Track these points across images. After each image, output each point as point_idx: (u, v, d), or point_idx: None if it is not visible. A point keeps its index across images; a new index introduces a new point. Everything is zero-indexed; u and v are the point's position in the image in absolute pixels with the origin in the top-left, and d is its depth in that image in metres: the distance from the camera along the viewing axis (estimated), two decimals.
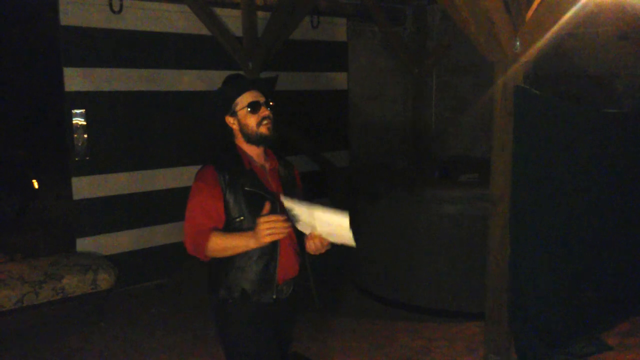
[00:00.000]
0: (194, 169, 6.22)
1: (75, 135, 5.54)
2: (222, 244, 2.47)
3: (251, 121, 2.59)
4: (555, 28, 3.86)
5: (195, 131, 6.27)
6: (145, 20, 5.82)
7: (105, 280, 4.95)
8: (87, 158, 5.59)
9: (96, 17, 5.54)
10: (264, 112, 2.61)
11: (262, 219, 2.38)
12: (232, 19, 6.23)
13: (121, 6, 5.59)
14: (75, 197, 5.61)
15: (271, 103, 2.65)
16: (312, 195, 3.64)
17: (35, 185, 7.03)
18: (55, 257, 5.15)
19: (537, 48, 3.90)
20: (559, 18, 3.81)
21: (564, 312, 4.46)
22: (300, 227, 2.50)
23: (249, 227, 2.49)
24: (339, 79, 7.59)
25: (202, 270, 6.13)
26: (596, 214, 4.64)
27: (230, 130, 2.67)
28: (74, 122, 5.53)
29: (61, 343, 4.71)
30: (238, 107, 2.61)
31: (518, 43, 3.81)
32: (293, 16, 6.01)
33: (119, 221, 5.88)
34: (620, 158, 4.75)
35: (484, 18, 3.67)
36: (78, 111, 5.52)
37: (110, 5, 5.55)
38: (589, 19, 5.89)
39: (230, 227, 2.54)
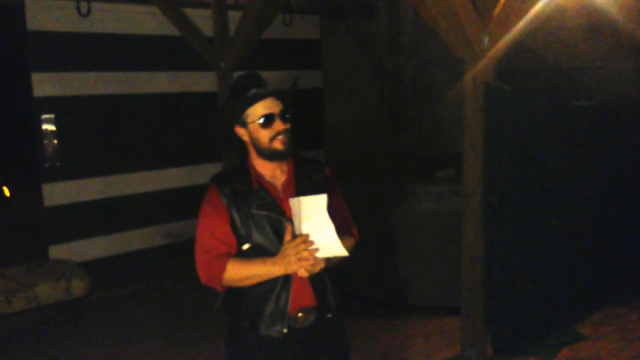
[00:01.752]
0: (168, 172, 6.30)
1: (45, 141, 5.45)
2: (242, 273, 2.24)
3: (263, 135, 2.27)
4: (523, 23, 3.90)
5: (169, 133, 6.22)
6: (113, 23, 5.74)
7: (79, 287, 4.89)
8: (58, 164, 5.51)
9: (64, 21, 5.45)
10: (279, 126, 2.28)
11: (290, 244, 2.14)
12: (202, 19, 6.17)
13: (89, 9, 5.51)
14: (47, 203, 5.52)
15: (287, 115, 2.32)
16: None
17: (7, 192, 6.92)
18: (28, 265, 5.08)
19: (506, 44, 3.93)
20: (526, 13, 3.85)
21: (538, 304, 4.51)
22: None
23: (258, 255, 2.25)
24: (313, 77, 7.58)
25: (177, 275, 6.15)
26: (568, 206, 4.70)
27: (240, 142, 2.36)
28: (43, 127, 5.44)
29: (36, 351, 4.64)
30: (249, 119, 2.29)
31: (486, 39, 3.84)
32: (265, 15, 5.96)
33: (93, 227, 5.80)
34: (590, 150, 4.81)
35: (451, 15, 3.68)
36: (47, 116, 5.43)
37: (78, 8, 5.46)
38: (557, 13, 5.94)
39: (235, 256, 2.29)
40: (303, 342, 2.34)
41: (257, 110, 2.28)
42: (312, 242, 2.13)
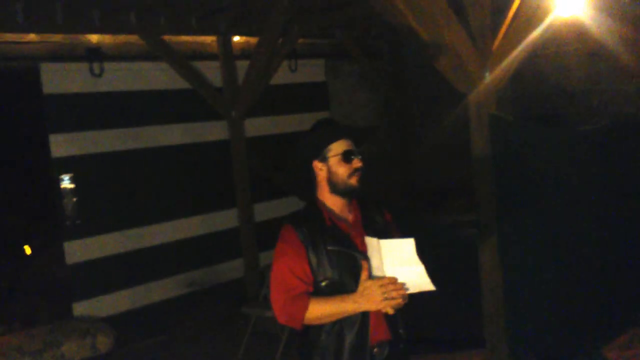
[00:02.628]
0: (185, 222, 6.40)
1: (65, 200, 5.58)
2: (323, 312, 2.25)
3: (342, 171, 2.38)
4: (522, 53, 3.98)
5: (184, 183, 6.34)
6: (125, 81, 5.93)
7: (104, 343, 4.94)
8: (78, 221, 5.62)
9: (78, 83, 5.65)
10: (357, 163, 2.39)
11: (374, 283, 2.17)
12: (211, 70, 6.35)
13: (101, 69, 5.70)
14: (69, 261, 5.60)
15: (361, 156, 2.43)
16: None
17: (28, 250, 7.03)
18: (53, 324, 5.14)
19: (507, 75, 4.01)
20: (523, 43, 3.93)
21: (561, 330, 4.47)
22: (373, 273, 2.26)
23: (335, 291, 2.29)
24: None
25: (200, 323, 6.16)
26: (583, 229, 4.69)
27: (313, 178, 2.45)
28: (62, 186, 5.57)
29: None
30: (330, 154, 2.39)
31: (487, 73, 3.92)
32: (271, 62, 6.14)
33: (115, 281, 5.87)
34: (601, 173, 4.83)
35: (451, 52, 3.78)
36: (66, 176, 5.57)
37: (91, 69, 5.65)
38: (556, 39, 6.04)
39: (312, 293, 2.31)
40: None
41: (340, 146, 2.40)
42: (399, 283, 2.19)
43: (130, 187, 6.01)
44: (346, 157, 2.39)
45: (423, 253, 2.28)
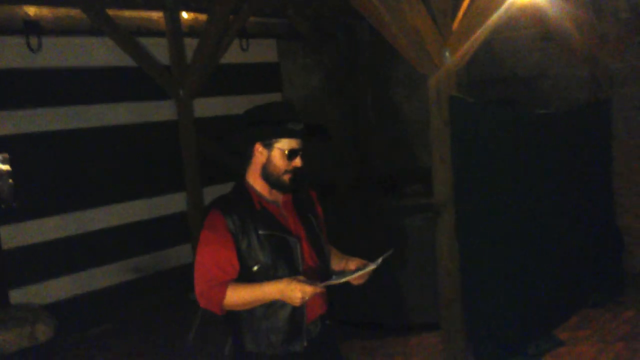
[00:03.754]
0: (130, 205, 6.16)
1: (0, 182, 5.25)
2: (241, 299, 2.27)
3: (280, 165, 2.34)
4: (481, 35, 3.95)
5: (129, 165, 6.07)
6: (66, 57, 5.62)
7: (43, 332, 4.69)
8: (14, 205, 5.30)
9: (13, 57, 5.31)
10: (298, 162, 2.37)
11: (297, 286, 2.17)
12: (158, 47, 6.08)
13: (39, 44, 5.35)
14: (5, 246, 5.29)
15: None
16: None
17: None
18: None
19: (466, 56, 3.96)
20: (483, 25, 3.89)
21: (516, 313, 4.51)
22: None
23: (267, 275, 2.28)
24: (273, 101, 7.52)
25: (147, 310, 5.97)
26: (538, 212, 4.74)
27: (249, 155, 2.39)
28: None
29: None
30: (277, 145, 2.35)
31: (447, 54, 3.86)
32: (221, 41, 5.93)
33: (55, 267, 5.60)
34: (554, 156, 4.88)
35: (412, 32, 3.69)
36: (1, 156, 5.24)
37: (28, 44, 5.30)
38: (512, 23, 6.06)
39: (243, 277, 2.31)
40: (316, 351, 2.41)
41: (289, 142, 2.35)
42: (322, 289, 2.22)
43: (72, 169, 5.72)
44: (290, 155, 2.36)
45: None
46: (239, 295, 2.26)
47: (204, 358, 4.91)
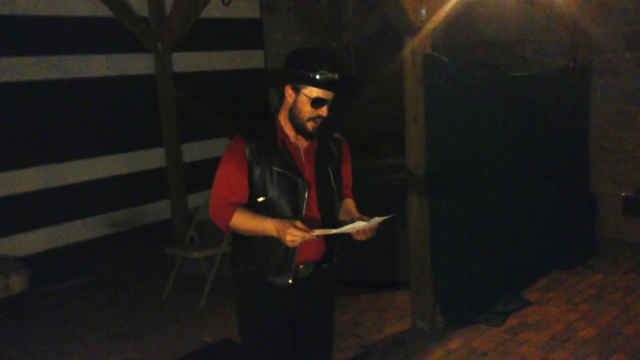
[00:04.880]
0: (107, 159, 6.09)
1: None
2: (243, 226, 2.39)
3: (306, 111, 2.38)
4: None
5: (106, 119, 6.01)
6: (42, 4, 5.45)
7: (18, 283, 4.69)
8: None
9: None
10: (324, 112, 2.40)
11: (290, 228, 2.22)
12: None
13: None
14: None
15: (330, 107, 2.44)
16: None
17: None
18: None
19: (443, 15, 3.92)
20: None
21: (485, 273, 4.59)
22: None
23: (271, 209, 2.40)
24: (255, 57, 7.43)
25: (123, 265, 5.98)
26: (509, 174, 4.78)
27: (281, 95, 2.46)
28: None
29: None
30: (305, 92, 2.38)
31: (424, 11, 3.83)
32: None
33: (31, 220, 5.55)
34: (530, 119, 4.90)
35: None
36: None
37: None
38: None
39: (249, 206, 2.42)
40: (302, 290, 2.54)
41: (316, 91, 2.37)
42: (313, 237, 2.25)
43: (47, 120, 5.61)
44: (315, 103, 2.39)
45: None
46: (243, 221, 2.38)
47: (179, 313, 4.95)
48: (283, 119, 2.48)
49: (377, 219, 2.34)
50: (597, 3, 5.29)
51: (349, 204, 2.67)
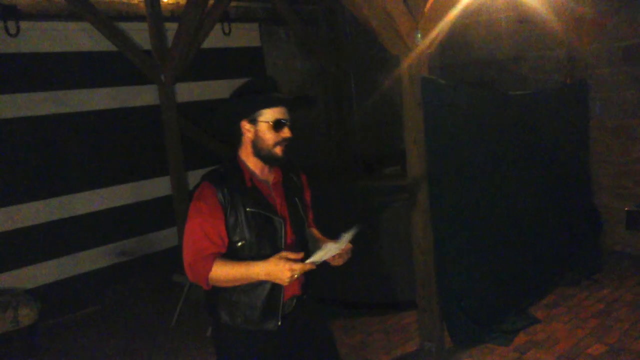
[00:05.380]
0: (113, 190, 6.17)
1: None
2: (227, 276, 2.26)
3: (269, 138, 2.34)
4: (454, 17, 3.97)
5: (112, 150, 6.09)
6: (45, 42, 5.58)
7: (26, 315, 4.73)
8: None
9: None
10: (286, 133, 2.36)
11: (285, 264, 2.16)
12: (138, 32, 6.07)
13: (18, 29, 5.34)
14: None
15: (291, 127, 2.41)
16: None
17: None
18: None
19: (438, 38, 3.99)
20: (455, 6, 3.91)
21: (491, 291, 4.59)
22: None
23: (251, 252, 2.31)
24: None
25: (132, 293, 6.01)
26: (512, 191, 4.80)
27: (238, 135, 2.40)
28: None
29: None
30: (261, 118, 2.34)
31: (419, 35, 3.89)
32: (202, 25, 5.93)
33: (39, 252, 5.61)
34: (530, 136, 4.94)
35: (382, 13, 3.72)
36: None
37: (6, 28, 5.28)
38: (487, 6, 6.09)
39: (227, 251, 2.33)
40: (291, 328, 2.46)
41: (273, 113, 2.34)
42: (313, 267, 2.21)
43: (54, 154, 5.71)
44: (277, 126, 2.35)
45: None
46: (224, 271, 2.25)
47: (188, 340, 4.97)
48: (245, 157, 2.41)
49: (345, 236, 2.28)
50: (590, 19, 5.36)
51: (315, 232, 2.63)
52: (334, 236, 2.43)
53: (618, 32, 5.56)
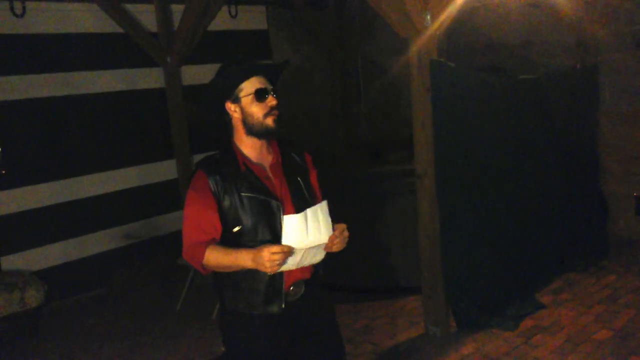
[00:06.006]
0: (120, 173, 6.17)
1: None
2: (217, 262, 2.28)
3: (256, 110, 2.31)
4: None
5: (118, 133, 6.08)
6: (51, 23, 5.55)
7: (33, 297, 4.75)
8: (4, 172, 5.31)
9: None
10: (272, 101, 2.33)
11: (271, 249, 2.14)
12: (145, 14, 6.03)
13: (24, 9, 5.30)
14: None
15: (275, 93, 2.37)
16: None
17: None
18: None
19: (448, 20, 3.95)
20: None
21: (497, 276, 4.58)
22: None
23: (249, 237, 2.30)
24: None
25: (138, 276, 6.04)
26: (520, 177, 4.77)
27: (229, 121, 2.38)
28: None
29: None
30: (242, 94, 2.32)
31: (428, 17, 3.85)
32: (209, 7, 5.87)
33: (46, 234, 5.62)
34: (538, 121, 4.90)
35: None
36: None
37: (12, 9, 5.25)
38: None
39: (227, 238, 2.32)
40: (297, 314, 2.42)
41: (251, 85, 2.32)
42: (291, 254, 2.18)
43: (60, 136, 5.70)
44: (259, 95, 2.32)
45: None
46: (216, 258, 2.27)
47: (192, 323, 4.99)
48: (239, 141, 2.39)
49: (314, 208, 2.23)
50: (602, 4, 5.29)
51: None
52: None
53: (630, 16, 5.48)
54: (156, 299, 5.62)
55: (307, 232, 2.21)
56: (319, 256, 2.34)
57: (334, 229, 2.29)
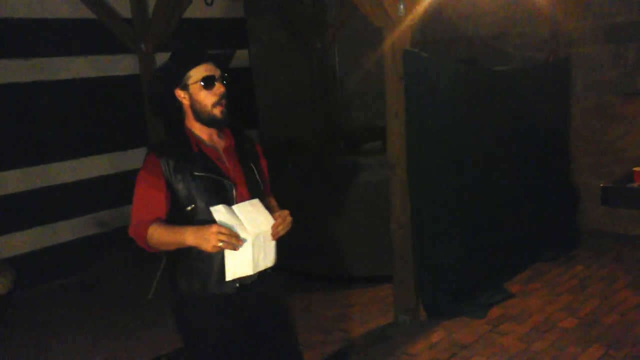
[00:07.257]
0: (92, 160, 6.09)
1: None
2: (159, 239, 2.31)
3: (204, 97, 2.35)
4: None
5: (90, 120, 6.01)
6: (22, 7, 5.44)
7: (2, 284, 4.70)
8: None
9: None
10: (220, 88, 2.37)
11: (221, 228, 2.18)
12: (119, 0, 5.95)
13: None
14: None
15: (224, 81, 2.41)
16: None
17: None
18: None
19: (422, 10, 3.96)
20: None
21: (467, 266, 4.63)
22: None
23: (202, 215, 2.32)
24: (240, 57, 7.45)
25: (110, 265, 5.99)
26: (491, 167, 4.82)
27: (179, 107, 2.41)
28: None
29: None
30: (190, 81, 2.36)
31: (402, 7, 3.86)
32: None
33: (15, 221, 5.56)
34: (510, 113, 4.95)
35: None
36: None
37: None
38: None
39: (181, 217, 2.34)
40: (251, 298, 2.45)
41: (199, 72, 2.36)
42: (237, 236, 2.20)
43: (31, 122, 5.62)
44: (207, 82, 2.36)
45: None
46: (158, 235, 2.30)
47: (165, 311, 4.96)
48: (190, 124, 2.43)
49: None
50: None
51: (271, 202, 2.65)
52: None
53: (603, 9, 5.55)
54: (129, 287, 5.59)
55: (242, 224, 2.25)
56: (271, 254, 2.39)
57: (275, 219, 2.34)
